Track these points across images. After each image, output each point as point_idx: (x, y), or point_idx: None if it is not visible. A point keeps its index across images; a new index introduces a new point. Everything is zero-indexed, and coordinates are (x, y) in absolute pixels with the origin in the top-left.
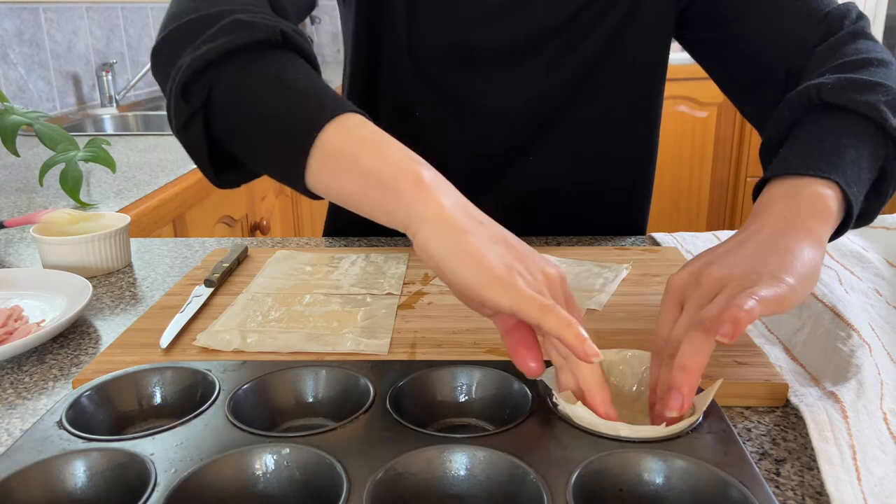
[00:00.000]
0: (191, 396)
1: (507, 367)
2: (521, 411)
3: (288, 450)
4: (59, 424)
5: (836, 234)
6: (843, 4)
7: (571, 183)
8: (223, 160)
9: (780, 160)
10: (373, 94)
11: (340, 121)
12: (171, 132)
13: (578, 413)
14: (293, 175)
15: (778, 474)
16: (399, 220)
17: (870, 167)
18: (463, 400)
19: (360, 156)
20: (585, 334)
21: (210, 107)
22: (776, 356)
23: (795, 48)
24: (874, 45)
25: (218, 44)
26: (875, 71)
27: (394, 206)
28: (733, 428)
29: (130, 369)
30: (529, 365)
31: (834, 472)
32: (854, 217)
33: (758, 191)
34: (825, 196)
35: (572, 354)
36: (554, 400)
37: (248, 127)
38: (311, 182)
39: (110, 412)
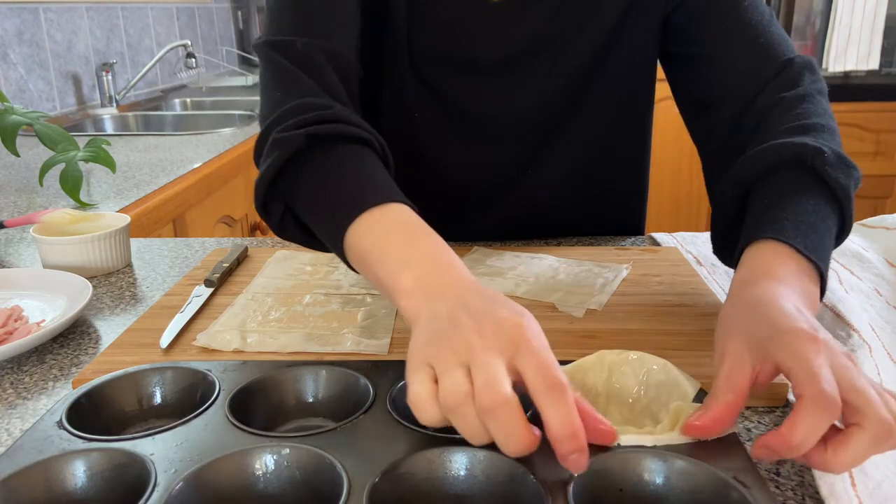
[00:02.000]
0: (191, 396)
1: None
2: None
3: (288, 450)
4: (59, 424)
5: None
6: (806, 57)
7: (570, 189)
8: None
9: (770, 220)
10: (375, 100)
11: (356, 227)
12: (170, 132)
13: None
14: (349, 267)
15: (778, 474)
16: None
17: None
18: None
19: (366, 265)
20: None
21: (292, 209)
22: None
23: (751, 82)
24: (830, 109)
25: (268, 165)
26: (837, 140)
27: (398, 307)
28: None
29: (130, 369)
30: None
31: (828, 478)
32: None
33: (747, 241)
34: (816, 294)
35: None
36: None
37: (314, 229)
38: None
39: (110, 412)
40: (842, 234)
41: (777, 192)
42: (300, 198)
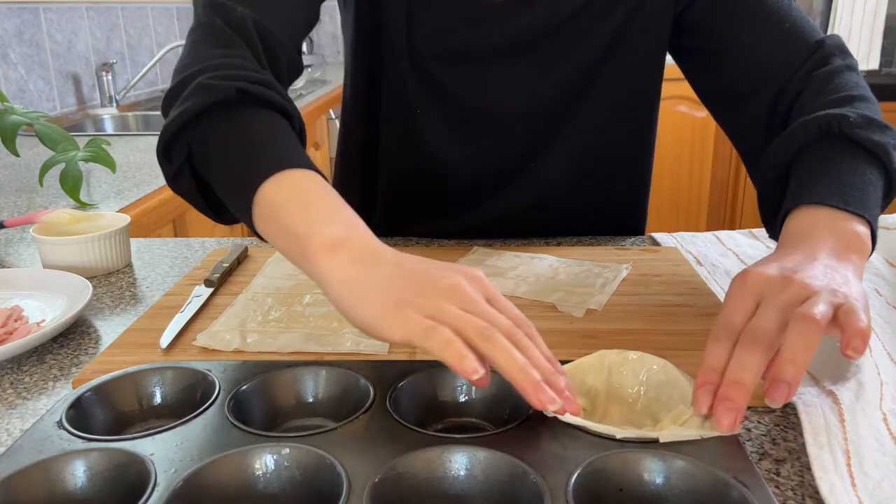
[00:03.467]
0: (191, 396)
1: None
2: (521, 411)
3: (288, 450)
4: (59, 424)
5: None
6: (834, 36)
7: (571, 185)
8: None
9: (807, 187)
10: (374, 94)
11: (275, 180)
12: None
13: (569, 417)
14: (250, 225)
15: (778, 474)
16: (315, 281)
17: (880, 204)
18: (463, 400)
19: (283, 217)
20: (468, 353)
21: (193, 160)
22: None
23: (784, 69)
24: (864, 83)
25: (186, 108)
26: (873, 108)
27: (308, 269)
28: None
29: (130, 369)
30: (472, 378)
31: (828, 478)
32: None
33: (785, 211)
34: (862, 234)
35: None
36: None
37: (217, 181)
38: (261, 233)
39: (110, 412)
40: (891, 187)
41: (812, 164)
42: (213, 144)
